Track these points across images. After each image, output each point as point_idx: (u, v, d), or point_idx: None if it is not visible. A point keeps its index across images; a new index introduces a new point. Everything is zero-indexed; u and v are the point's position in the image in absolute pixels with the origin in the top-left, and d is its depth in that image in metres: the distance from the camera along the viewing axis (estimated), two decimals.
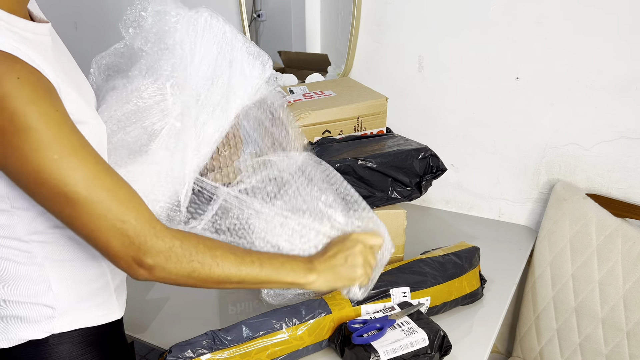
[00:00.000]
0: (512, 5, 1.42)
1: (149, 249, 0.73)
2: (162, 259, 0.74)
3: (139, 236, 0.72)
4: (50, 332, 0.83)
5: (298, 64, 1.82)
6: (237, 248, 0.83)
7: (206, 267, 0.77)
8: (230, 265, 0.79)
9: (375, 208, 1.18)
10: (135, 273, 0.75)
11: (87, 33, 2.19)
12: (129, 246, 0.72)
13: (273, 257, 0.85)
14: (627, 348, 1.32)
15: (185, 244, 0.76)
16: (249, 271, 0.81)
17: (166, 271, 0.75)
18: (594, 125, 1.41)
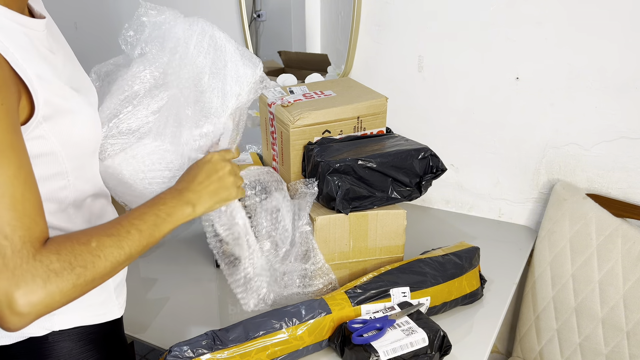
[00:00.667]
0: (512, 5, 1.42)
1: (24, 274, 0.63)
2: (40, 282, 0.63)
3: (15, 257, 0.63)
4: (50, 330, 0.83)
5: (298, 64, 1.82)
6: (108, 226, 0.74)
7: (89, 266, 0.69)
8: (110, 249, 0.71)
9: (376, 208, 1.18)
10: (4, 317, 0.63)
11: (87, 33, 2.19)
12: (1, 271, 0.62)
13: (144, 213, 0.78)
14: (627, 348, 1.32)
15: (62, 254, 0.67)
16: (131, 243, 0.74)
17: (47, 296, 0.64)
18: (594, 125, 1.41)
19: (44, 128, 0.73)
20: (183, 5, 1.94)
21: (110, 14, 2.11)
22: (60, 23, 0.92)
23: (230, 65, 0.92)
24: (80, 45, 2.21)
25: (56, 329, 0.84)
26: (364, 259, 1.21)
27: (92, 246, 0.70)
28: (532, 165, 1.53)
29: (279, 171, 1.36)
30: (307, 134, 1.25)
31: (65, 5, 2.17)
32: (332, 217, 1.15)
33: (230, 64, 0.92)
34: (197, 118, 0.91)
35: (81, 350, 0.88)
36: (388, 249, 1.21)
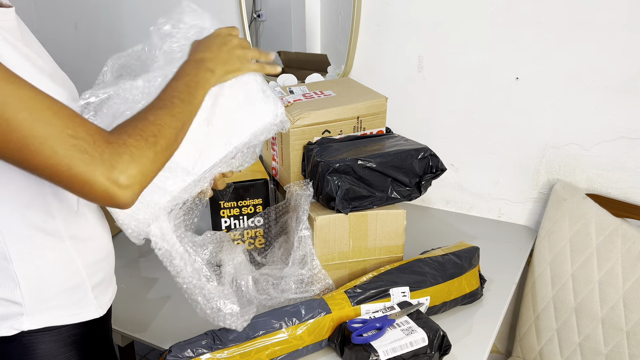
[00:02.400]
0: (512, 5, 1.42)
1: (112, 156, 0.68)
2: (128, 158, 0.69)
3: (96, 148, 0.67)
4: (19, 330, 0.82)
5: (298, 64, 1.82)
6: (153, 104, 0.79)
7: (158, 136, 0.73)
8: (166, 118, 0.76)
9: (375, 208, 1.18)
10: (117, 197, 0.68)
11: (87, 33, 2.19)
12: (92, 163, 0.66)
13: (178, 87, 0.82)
14: (627, 348, 1.32)
15: (130, 133, 0.71)
16: (180, 110, 0.79)
17: (140, 167, 0.70)
18: (594, 125, 1.41)
19: None
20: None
21: (110, 14, 2.11)
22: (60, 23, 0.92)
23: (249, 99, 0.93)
24: (80, 45, 2.22)
25: (25, 329, 0.82)
26: (364, 258, 1.21)
27: (150, 120, 0.74)
28: (532, 165, 1.53)
29: (279, 171, 1.36)
30: (307, 134, 1.25)
31: (65, 5, 2.17)
32: (332, 217, 1.16)
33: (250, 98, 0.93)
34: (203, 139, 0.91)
35: (57, 352, 0.86)
36: (388, 248, 1.21)
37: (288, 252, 1.19)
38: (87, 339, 0.90)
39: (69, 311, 0.86)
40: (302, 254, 1.14)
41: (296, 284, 1.13)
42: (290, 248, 1.17)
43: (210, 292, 0.96)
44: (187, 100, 0.81)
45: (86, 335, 0.90)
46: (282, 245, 1.26)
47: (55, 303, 0.85)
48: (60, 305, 0.85)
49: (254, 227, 1.26)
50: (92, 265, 0.89)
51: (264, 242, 1.28)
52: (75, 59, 2.22)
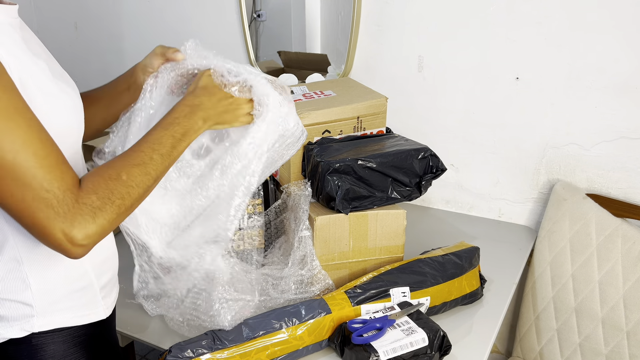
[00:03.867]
0: (512, 5, 1.42)
1: (74, 216, 0.71)
2: (89, 219, 0.72)
3: (62, 205, 0.70)
4: (29, 331, 0.82)
5: (298, 64, 1.82)
6: (132, 156, 0.80)
7: (126, 197, 0.76)
8: (140, 177, 0.78)
9: (376, 208, 1.18)
10: (69, 252, 0.72)
11: (87, 33, 2.19)
12: (54, 219, 0.70)
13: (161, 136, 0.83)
14: (627, 348, 1.32)
15: (99, 192, 0.74)
16: (156, 167, 0.81)
17: (99, 227, 0.73)
18: (594, 125, 1.41)
19: None
20: (183, 5, 1.94)
21: (110, 14, 2.11)
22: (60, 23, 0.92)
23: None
24: (80, 45, 2.22)
25: (36, 331, 0.83)
26: (364, 259, 1.21)
27: (123, 179, 0.77)
28: (532, 165, 1.53)
29: (279, 171, 1.36)
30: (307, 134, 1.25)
31: (65, 5, 2.17)
32: (332, 217, 1.15)
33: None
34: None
35: (67, 353, 0.86)
36: (388, 249, 1.21)
37: (288, 253, 1.19)
38: (94, 339, 0.91)
39: (79, 312, 0.88)
40: (302, 254, 1.14)
41: (296, 285, 1.13)
42: (290, 248, 1.17)
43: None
44: (167, 154, 0.82)
45: (93, 335, 0.91)
46: (282, 245, 1.26)
47: (65, 305, 0.85)
48: (70, 307, 0.86)
49: (254, 227, 1.26)
50: (99, 265, 0.90)
51: (264, 242, 1.28)
52: (75, 59, 2.22)
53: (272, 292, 1.13)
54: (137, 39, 2.10)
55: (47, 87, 0.77)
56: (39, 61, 0.78)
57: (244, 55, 1.87)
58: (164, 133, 0.83)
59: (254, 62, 1.85)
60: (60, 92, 0.79)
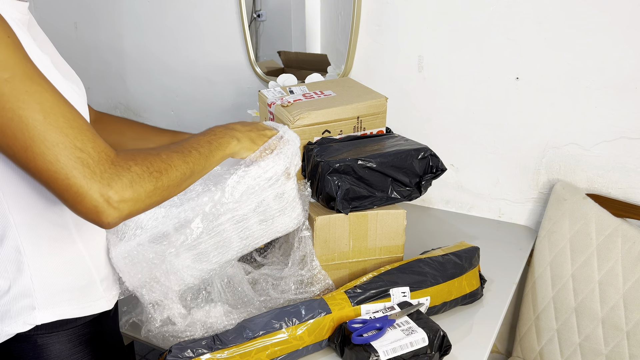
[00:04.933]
0: (512, 5, 1.42)
1: (112, 176, 0.69)
2: (126, 182, 0.71)
3: (99, 164, 0.69)
4: (32, 324, 0.82)
5: (298, 64, 1.82)
6: (173, 146, 0.83)
7: (164, 173, 0.76)
8: (178, 161, 0.80)
9: (375, 208, 1.18)
10: (104, 214, 0.70)
11: (87, 33, 2.19)
12: (91, 178, 0.68)
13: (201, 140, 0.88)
14: (627, 348, 1.32)
15: (138, 160, 0.74)
16: (194, 160, 0.83)
17: (135, 194, 0.72)
18: (594, 125, 1.41)
19: None
20: (183, 5, 1.94)
21: (110, 14, 2.11)
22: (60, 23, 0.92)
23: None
24: (80, 45, 2.22)
25: (38, 323, 0.83)
26: (364, 259, 1.21)
27: (162, 157, 0.78)
28: (532, 165, 1.53)
29: None
30: (307, 134, 1.25)
31: (65, 5, 2.17)
32: (332, 217, 1.15)
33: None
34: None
35: (71, 352, 0.87)
36: (388, 248, 1.21)
37: (288, 253, 1.19)
38: (99, 337, 0.92)
39: (80, 304, 0.88)
40: (301, 254, 1.14)
41: (296, 285, 1.13)
42: (290, 248, 1.17)
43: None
44: (205, 154, 0.86)
45: (98, 333, 0.91)
46: (282, 245, 1.26)
47: (67, 296, 0.86)
48: (71, 299, 0.86)
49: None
50: (98, 257, 0.91)
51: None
52: (75, 59, 2.22)
53: (272, 293, 1.13)
54: (137, 39, 2.10)
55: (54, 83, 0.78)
56: (46, 57, 0.78)
57: (244, 55, 1.87)
58: (201, 138, 0.89)
59: (254, 62, 1.85)
60: (66, 88, 0.80)
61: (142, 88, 2.17)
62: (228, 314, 1.04)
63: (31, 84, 0.67)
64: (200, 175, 0.87)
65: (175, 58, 2.04)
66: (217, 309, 1.03)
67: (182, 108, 2.10)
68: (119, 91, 2.22)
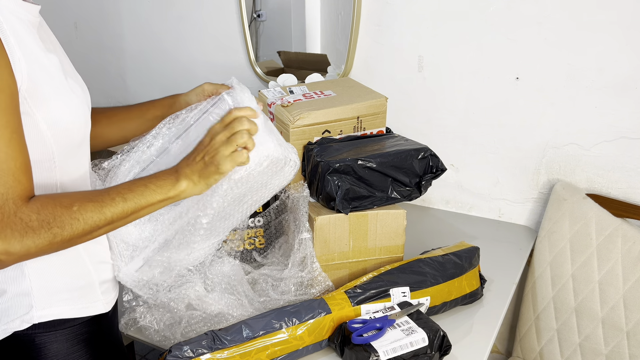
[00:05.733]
0: (512, 5, 1.42)
1: (3, 227, 0.69)
2: (17, 236, 0.69)
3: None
4: (30, 323, 0.83)
5: (297, 64, 1.82)
6: (95, 193, 0.78)
7: (67, 227, 0.73)
8: (91, 213, 0.75)
9: (375, 208, 1.18)
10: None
11: (87, 33, 2.19)
12: None
13: (134, 184, 0.80)
14: (627, 348, 1.32)
15: (42, 214, 0.72)
16: (114, 209, 0.77)
17: (24, 248, 0.70)
18: (594, 125, 1.41)
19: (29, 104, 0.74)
20: (183, 5, 1.94)
21: (110, 14, 2.11)
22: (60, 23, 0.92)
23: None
24: (80, 45, 2.22)
25: (36, 322, 0.83)
26: (364, 258, 1.21)
27: (73, 210, 0.74)
28: (532, 165, 1.53)
29: None
30: (307, 134, 1.25)
31: (65, 5, 2.17)
32: (332, 217, 1.15)
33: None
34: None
35: (69, 351, 0.87)
36: (388, 248, 1.21)
37: (288, 254, 1.19)
38: (97, 337, 0.92)
39: (78, 304, 0.88)
40: (302, 256, 1.14)
41: (296, 287, 1.13)
42: (290, 249, 1.17)
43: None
44: (133, 202, 0.78)
45: (95, 332, 0.91)
46: (282, 245, 1.26)
47: (64, 296, 0.86)
48: (68, 299, 0.87)
49: (254, 227, 1.26)
50: (99, 260, 0.91)
51: (264, 242, 1.28)
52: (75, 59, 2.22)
53: (272, 293, 1.13)
54: (137, 39, 2.10)
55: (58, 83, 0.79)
56: (53, 58, 0.79)
57: (244, 55, 1.87)
58: (139, 181, 0.80)
59: (254, 62, 1.85)
60: (69, 90, 0.81)
61: (142, 88, 2.17)
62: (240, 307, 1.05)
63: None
64: (127, 222, 0.80)
65: (176, 58, 2.04)
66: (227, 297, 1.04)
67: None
68: (119, 91, 2.22)
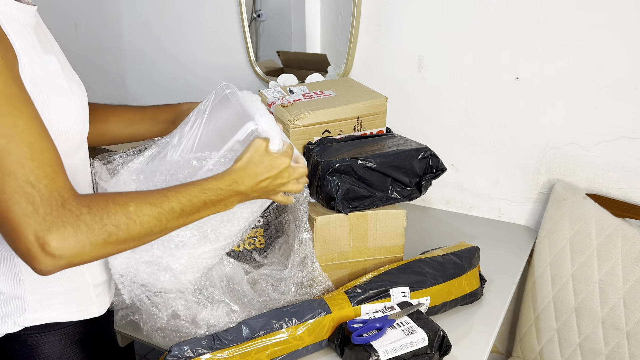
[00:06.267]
0: (512, 5, 1.42)
1: (55, 220, 0.63)
2: (70, 230, 0.64)
3: (45, 205, 0.63)
4: (22, 326, 0.82)
5: (297, 64, 1.82)
6: (149, 193, 0.74)
7: (122, 227, 0.69)
8: (148, 218, 0.71)
9: (375, 208, 1.18)
10: (36, 260, 0.64)
11: (87, 33, 2.19)
12: (31, 217, 0.62)
13: (195, 197, 0.77)
14: (627, 348, 1.32)
15: (93, 208, 0.67)
16: (170, 218, 0.74)
17: (78, 245, 0.65)
18: (594, 125, 1.41)
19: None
20: (183, 5, 1.94)
21: (110, 14, 2.11)
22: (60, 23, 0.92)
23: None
24: (80, 45, 2.22)
25: (28, 325, 0.82)
26: (364, 259, 1.21)
27: (129, 209, 0.70)
28: (532, 165, 1.53)
29: None
30: (307, 134, 1.25)
31: (65, 5, 2.17)
32: (332, 217, 1.15)
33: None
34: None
35: (62, 352, 0.86)
36: (388, 248, 1.21)
37: (288, 254, 1.19)
38: (91, 338, 0.91)
39: (71, 308, 0.87)
40: (302, 256, 1.14)
41: (296, 287, 1.13)
42: (290, 249, 1.17)
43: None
44: (189, 213, 0.77)
45: (89, 333, 0.90)
46: (282, 245, 1.26)
47: (58, 300, 0.85)
48: (62, 302, 0.86)
49: (254, 227, 1.26)
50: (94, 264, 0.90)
51: (264, 242, 1.28)
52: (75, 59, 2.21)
53: (272, 294, 1.13)
54: (137, 39, 2.10)
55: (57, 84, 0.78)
56: (52, 60, 0.78)
57: (244, 55, 1.87)
58: (198, 194, 0.78)
59: (254, 62, 1.85)
60: (69, 90, 0.80)
61: (142, 88, 2.17)
62: (230, 314, 1.04)
63: (7, 106, 0.64)
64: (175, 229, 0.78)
65: (175, 58, 2.04)
66: (220, 309, 1.03)
67: None
68: (119, 91, 2.22)
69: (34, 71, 0.73)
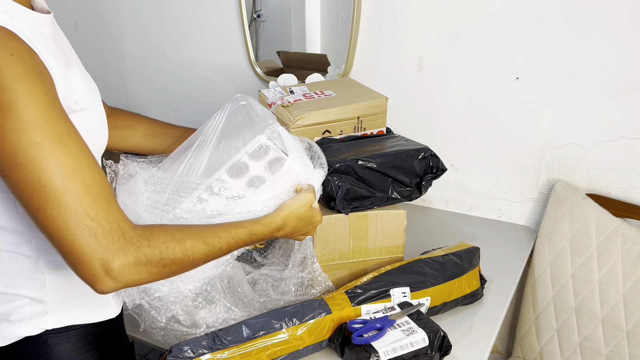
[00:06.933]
0: (512, 5, 1.42)
1: (117, 250, 0.69)
2: (131, 260, 0.70)
3: (107, 236, 0.68)
4: (43, 329, 0.83)
5: (297, 64, 1.82)
6: (204, 231, 0.80)
7: (177, 261, 0.75)
8: (200, 255, 0.79)
9: (376, 208, 1.18)
10: (99, 282, 0.69)
11: (87, 33, 2.19)
12: (95, 248, 0.67)
13: (242, 240, 0.85)
14: (627, 348, 1.32)
15: (153, 242, 0.73)
16: (216, 256, 0.83)
17: (136, 274, 0.71)
18: (594, 125, 1.41)
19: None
20: (183, 5, 1.94)
21: (110, 14, 2.11)
22: (61, 23, 0.92)
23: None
24: (80, 45, 2.21)
25: (49, 328, 0.83)
26: (364, 259, 1.21)
27: (185, 246, 0.76)
28: (532, 165, 1.53)
29: None
30: (308, 134, 1.25)
31: (65, 5, 2.17)
32: (332, 217, 1.15)
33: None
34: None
35: (81, 351, 0.87)
36: (388, 249, 1.21)
37: (288, 254, 1.19)
38: (106, 337, 0.92)
39: (90, 311, 0.89)
40: (302, 256, 1.14)
41: (296, 287, 1.13)
42: (290, 249, 1.17)
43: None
44: (230, 251, 0.84)
45: (104, 332, 0.92)
46: (282, 245, 1.26)
47: (78, 302, 0.86)
48: (82, 305, 0.87)
49: None
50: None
51: (264, 242, 1.28)
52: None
53: (272, 294, 1.13)
54: (137, 39, 2.10)
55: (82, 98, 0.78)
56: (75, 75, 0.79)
57: (244, 55, 1.87)
58: (245, 237, 0.85)
59: (254, 62, 1.85)
60: (93, 103, 0.80)
61: (142, 88, 2.17)
62: (229, 310, 1.04)
63: (59, 145, 0.66)
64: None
65: (175, 58, 2.04)
66: (219, 308, 1.03)
67: (182, 108, 2.10)
68: (119, 91, 2.22)
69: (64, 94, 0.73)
